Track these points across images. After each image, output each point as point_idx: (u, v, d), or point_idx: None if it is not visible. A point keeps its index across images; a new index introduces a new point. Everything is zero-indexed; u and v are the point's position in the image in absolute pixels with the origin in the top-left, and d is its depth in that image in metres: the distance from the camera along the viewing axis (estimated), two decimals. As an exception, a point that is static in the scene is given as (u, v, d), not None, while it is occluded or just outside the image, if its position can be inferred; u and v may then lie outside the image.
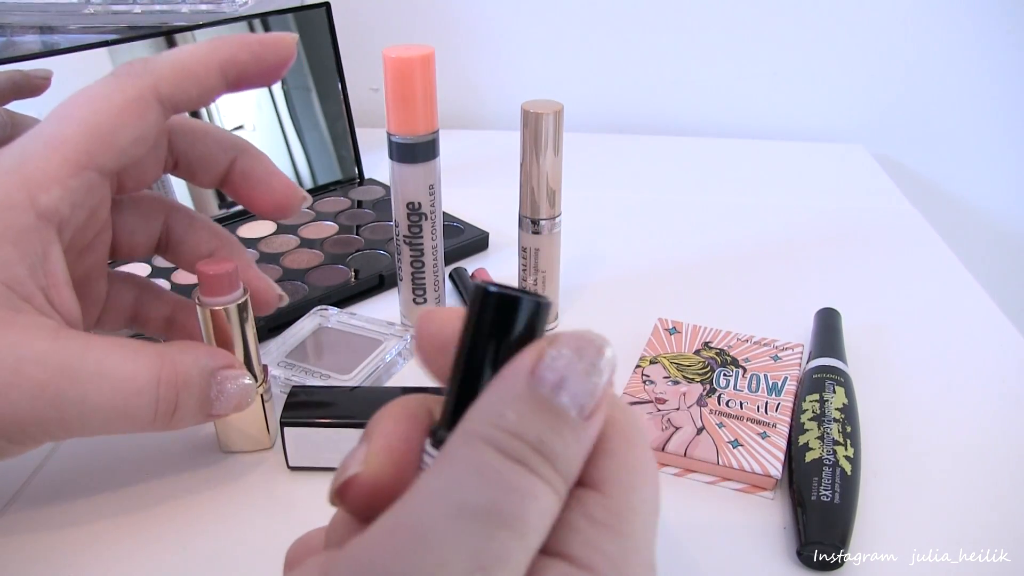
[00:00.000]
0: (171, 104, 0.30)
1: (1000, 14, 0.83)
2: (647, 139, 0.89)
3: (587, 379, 0.17)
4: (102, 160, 0.29)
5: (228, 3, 0.72)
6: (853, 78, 0.88)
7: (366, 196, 0.71)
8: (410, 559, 0.15)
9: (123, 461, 0.42)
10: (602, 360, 0.17)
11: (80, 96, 0.29)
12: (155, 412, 0.28)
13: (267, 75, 0.31)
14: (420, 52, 0.44)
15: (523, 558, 0.16)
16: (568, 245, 0.54)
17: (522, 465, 0.16)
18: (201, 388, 0.30)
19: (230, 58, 0.30)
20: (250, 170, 0.35)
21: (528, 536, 0.16)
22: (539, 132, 0.47)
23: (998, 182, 0.91)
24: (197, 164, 0.34)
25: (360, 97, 0.80)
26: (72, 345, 0.27)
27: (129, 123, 0.29)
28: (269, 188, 0.35)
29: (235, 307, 0.38)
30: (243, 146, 0.35)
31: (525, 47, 0.91)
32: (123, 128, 0.29)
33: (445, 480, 0.16)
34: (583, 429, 0.17)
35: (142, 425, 0.28)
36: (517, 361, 0.17)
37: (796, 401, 0.44)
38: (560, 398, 0.17)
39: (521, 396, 0.17)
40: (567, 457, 0.17)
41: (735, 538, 0.37)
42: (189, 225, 0.37)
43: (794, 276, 0.61)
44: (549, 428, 0.16)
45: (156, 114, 0.30)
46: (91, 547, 0.37)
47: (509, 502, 0.16)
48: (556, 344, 0.17)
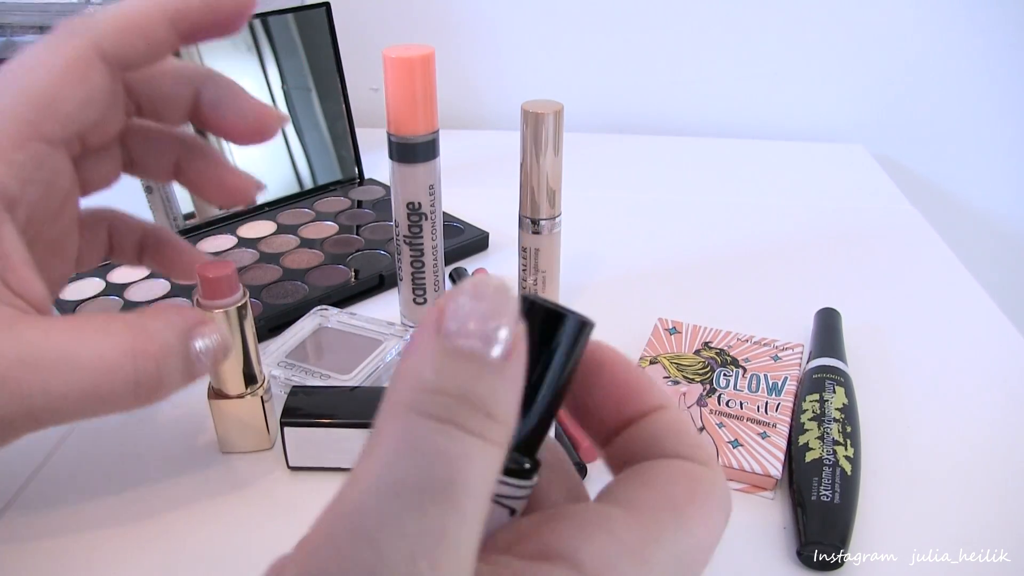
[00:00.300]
0: (117, 61, 0.28)
1: (1000, 14, 0.83)
2: (647, 139, 0.89)
3: (491, 318, 0.17)
4: (48, 129, 0.27)
5: (228, 3, 0.72)
6: (853, 78, 0.88)
7: (366, 196, 0.71)
8: (348, 557, 0.15)
9: (123, 462, 0.42)
10: (502, 297, 0.17)
11: (17, 63, 0.28)
12: (136, 388, 0.26)
13: (224, 26, 0.30)
14: (420, 52, 0.44)
15: (465, 531, 0.15)
16: (568, 245, 0.54)
17: (450, 424, 0.16)
18: (183, 352, 0.28)
19: (180, 8, 0.29)
20: (218, 99, 0.32)
21: (465, 504, 0.15)
22: (539, 132, 0.47)
23: (998, 182, 0.91)
24: (161, 105, 0.32)
25: (360, 97, 0.80)
26: (30, 333, 0.26)
27: (72, 88, 0.27)
28: (241, 112, 0.32)
29: (235, 309, 0.38)
30: (205, 74, 0.33)
31: (525, 47, 0.91)
32: (66, 94, 0.27)
33: (375, 461, 0.16)
34: (504, 369, 0.17)
35: (125, 403, 0.27)
36: (423, 322, 0.17)
37: (796, 401, 0.44)
38: (471, 343, 0.16)
39: (434, 352, 0.16)
40: (496, 401, 0.16)
41: (735, 538, 0.37)
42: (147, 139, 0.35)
43: (794, 276, 0.61)
44: (469, 376, 0.16)
45: (101, 74, 0.28)
46: (91, 547, 0.37)
47: (441, 471, 0.15)
48: (454, 294, 0.17)
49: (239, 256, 0.61)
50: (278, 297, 0.55)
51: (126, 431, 0.44)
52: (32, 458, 0.42)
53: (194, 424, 0.44)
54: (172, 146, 0.34)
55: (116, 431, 0.44)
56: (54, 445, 0.43)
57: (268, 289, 0.56)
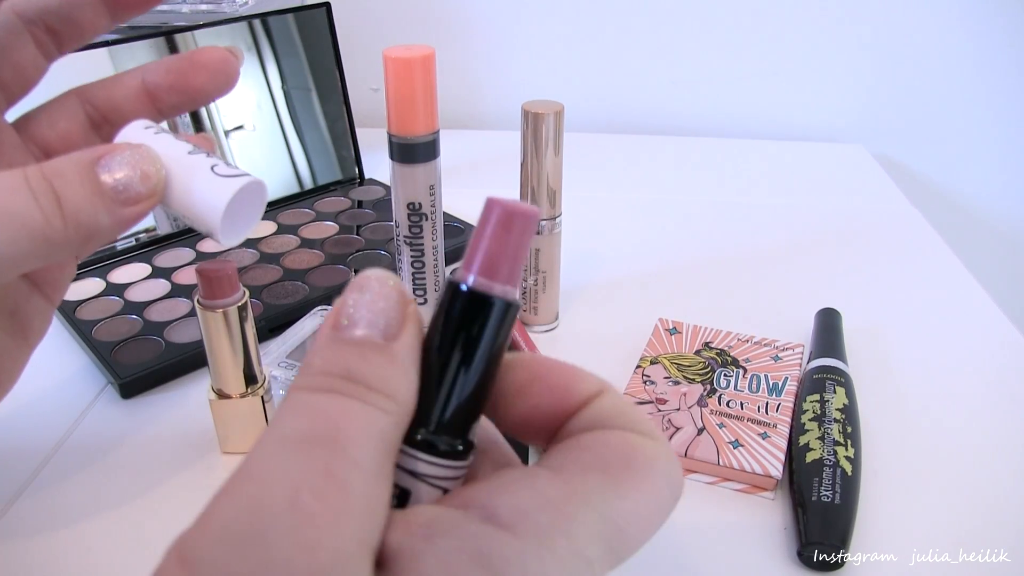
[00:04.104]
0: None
1: (1000, 14, 0.83)
2: (647, 139, 0.89)
3: (374, 306, 0.18)
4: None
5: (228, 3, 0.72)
6: (853, 78, 0.88)
7: (366, 196, 0.71)
8: (236, 495, 0.15)
9: (123, 462, 0.42)
10: (383, 287, 0.18)
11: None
12: (39, 206, 0.25)
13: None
14: (420, 52, 0.44)
15: (356, 477, 0.16)
16: (568, 245, 0.54)
17: (333, 392, 0.17)
18: (78, 173, 0.26)
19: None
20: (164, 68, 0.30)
21: (352, 452, 0.16)
22: (539, 132, 0.47)
23: (998, 182, 0.91)
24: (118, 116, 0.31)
25: (360, 97, 0.80)
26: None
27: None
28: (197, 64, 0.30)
29: (235, 309, 0.38)
30: (146, 68, 0.31)
31: (525, 47, 0.91)
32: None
33: (268, 428, 0.17)
34: (389, 349, 0.18)
35: (36, 223, 0.25)
36: (323, 324, 0.18)
37: (797, 401, 0.44)
38: (355, 332, 0.18)
39: (325, 343, 0.18)
40: (380, 375, 0.17)
41: (735, 538, 0.38)
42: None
43: (794, 276, 0.61)
44: (353, 357, 0.17)
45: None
46: (91, 548, 0.37)
47: (323, 425, 0.16)
48: (343, 295, 0.18)
49: (239, 256, 0.61)
50: (278, 297, 0.55)
51: (127, 431, 0.44)
52: (32, 458, 0.42)
53: (195, 424, 0.44)
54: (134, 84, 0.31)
55: (116, 431, 0.44)
56: (55, 445, 0.43)
57: (268, 289, 0.56)
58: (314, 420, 0.16)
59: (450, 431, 0.18)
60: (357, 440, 0.16)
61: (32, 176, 0.25)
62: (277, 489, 0.15)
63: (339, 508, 0.15)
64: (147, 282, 0.57)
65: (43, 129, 0.31)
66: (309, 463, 0.15)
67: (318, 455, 0.16)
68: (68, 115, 0.31)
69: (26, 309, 0.31)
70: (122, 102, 0.30)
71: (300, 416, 0.16)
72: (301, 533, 0.14)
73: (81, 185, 0.26)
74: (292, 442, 0.16)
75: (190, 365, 0.49)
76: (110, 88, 0.31)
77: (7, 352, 0.31)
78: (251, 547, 0.14)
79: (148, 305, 0.54)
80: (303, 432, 0.16)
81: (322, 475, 0.15)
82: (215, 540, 0.15)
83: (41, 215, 0.25)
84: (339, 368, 0.17)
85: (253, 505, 0.15)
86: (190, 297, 0.55)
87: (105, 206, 0.26)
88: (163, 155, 0.26)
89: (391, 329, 0.18)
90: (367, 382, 0.17)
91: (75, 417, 0.45)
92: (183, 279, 0.57)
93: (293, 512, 0.15)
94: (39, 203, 0.25)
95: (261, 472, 0.15)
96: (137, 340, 0.50)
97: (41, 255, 0.25)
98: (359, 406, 0.17)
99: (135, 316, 0.53)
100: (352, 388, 0.17)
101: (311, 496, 0.15)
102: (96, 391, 0.48)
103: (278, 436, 0.16)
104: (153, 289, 0.56)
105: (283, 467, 0.15)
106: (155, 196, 0.26)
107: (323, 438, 0.16)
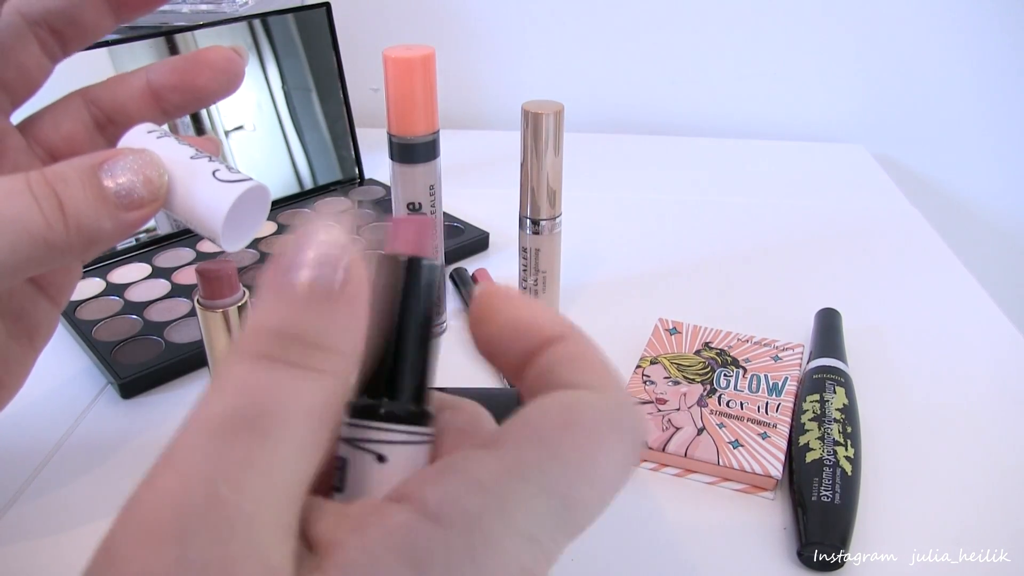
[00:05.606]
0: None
1: (1000, 14, 0.83)
2: (647, 139, 0.89)
3: (318, 253, 0.17)
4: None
5: (228, 3, 0.72)
6: (853, 78, 0.88)
7: (366, 196, 0.71)
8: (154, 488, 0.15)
9: (122, 462, 0.42)
10: (329, 234, 0.17)
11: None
12: (41, 211, 0.25)
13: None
14: (420, 52, 0.44)
15: (279, 460, 0.16)
16: (568, 245, 0.54)
17: (269, 359, 0.16)
18: (81, 178, 0.26)
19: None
20: (169, 67, 0.30)
21: (279, 434, 0.16)
22: (539, 132, 0.47)
23: (998, 182, 0.91)
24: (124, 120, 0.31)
25: (360, 97, 0.80)
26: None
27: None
28: (202, 63, 0.30)
29: (235, 308, 0.38)
30: (152, 68, 0.31)
31: (525, 47, 0.91)
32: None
33: (196, 406, 0.16)
34: (336, 298, 0.17)
35: (38, 228, 0.25)
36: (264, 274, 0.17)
37: (796, 401, 0.44)
38: (297, 281, 0.17)
39: (265, 295, 0.17)
40: (327, 331, 0.17)
41: (735, 538, 0.38)
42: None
43: (794, 276, 0.61)
44: (296, 310, 0.17)
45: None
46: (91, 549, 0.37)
47: (251, 405, 0.16)
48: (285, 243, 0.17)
49: (239, 256, 0.61)
50: (278, 297, 0.55)
51: (127, 431, 0.44)
52: (33, 458, 0.42)
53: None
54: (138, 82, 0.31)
55: (116, 431, 0.44)
56: (55, 445, 0.43)
57: (268, 289, 0.56)
58: (240, 399, 0.16)
59: (391, 393, 0.19)
60: (285, 419, 0.16)
61: (34, 181, 0.25)
62: (196, 483, 0.15)
63: (258, 497, 0.15)
64: (147, 282, 0.57)
65: (48, 131, 0.31)
66: (230, 452, 0.15)
67: (240, 441, 0.15)
68: (73, 117, 0.31)
69: (31, 312, 0.31)
70: (127, 102, 0.30)
71: (227, 394, 0.16)
72: (217, 530, 0.15)
73: (84, 190, 0.26)
74: (215, 426, 0.15)
75: (190, 365, 0.49)
76: (114, 89, 0.31)
77: (13, 356, 0.31)
78: (169, 546, 0.14)
79: (148, 305, 0.54)
80: (227, 414, 0.16)
81: (242, 465, 0.15)
82: (135, 538, 0.15)
83: (43, 220, 0.25)
84: (277, 323, 0.16)
85: (173, 502, 0.15)
86: (190, 297, 0.55)
87: (107, 211, 0.26)
88: (166, 160, 0.26)
89: (336, 276, 0.17)
90: (306, 337, 0.16)
91: (75, 417, 0.45)
92: (183, 279, 0.57)
93: (210, 508, 0.15)
94: (41, 208, 0.25)
95: (182, 462, 0.15)
96: (137, 340, 0.50)
97: (44, 260, 0.25)
98: (290, 377, 0.16)
99: (135, 316, 0.53)
100: (288, 350, 0.16)
101: (229, 489, 0.15)
102: (96, 391, 0.48)
103: (203, 418, 0.16)
104: (153, 289, 0.56)
105: (203, 457, 0.15)
106: (158, 201, 0.26)
107: (247, 421, 0.15)
